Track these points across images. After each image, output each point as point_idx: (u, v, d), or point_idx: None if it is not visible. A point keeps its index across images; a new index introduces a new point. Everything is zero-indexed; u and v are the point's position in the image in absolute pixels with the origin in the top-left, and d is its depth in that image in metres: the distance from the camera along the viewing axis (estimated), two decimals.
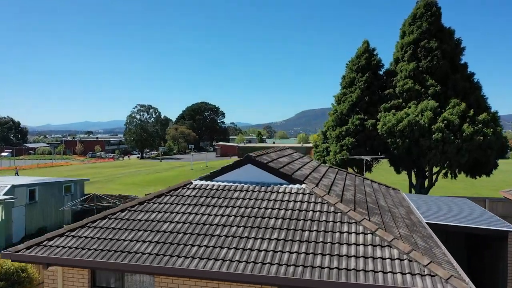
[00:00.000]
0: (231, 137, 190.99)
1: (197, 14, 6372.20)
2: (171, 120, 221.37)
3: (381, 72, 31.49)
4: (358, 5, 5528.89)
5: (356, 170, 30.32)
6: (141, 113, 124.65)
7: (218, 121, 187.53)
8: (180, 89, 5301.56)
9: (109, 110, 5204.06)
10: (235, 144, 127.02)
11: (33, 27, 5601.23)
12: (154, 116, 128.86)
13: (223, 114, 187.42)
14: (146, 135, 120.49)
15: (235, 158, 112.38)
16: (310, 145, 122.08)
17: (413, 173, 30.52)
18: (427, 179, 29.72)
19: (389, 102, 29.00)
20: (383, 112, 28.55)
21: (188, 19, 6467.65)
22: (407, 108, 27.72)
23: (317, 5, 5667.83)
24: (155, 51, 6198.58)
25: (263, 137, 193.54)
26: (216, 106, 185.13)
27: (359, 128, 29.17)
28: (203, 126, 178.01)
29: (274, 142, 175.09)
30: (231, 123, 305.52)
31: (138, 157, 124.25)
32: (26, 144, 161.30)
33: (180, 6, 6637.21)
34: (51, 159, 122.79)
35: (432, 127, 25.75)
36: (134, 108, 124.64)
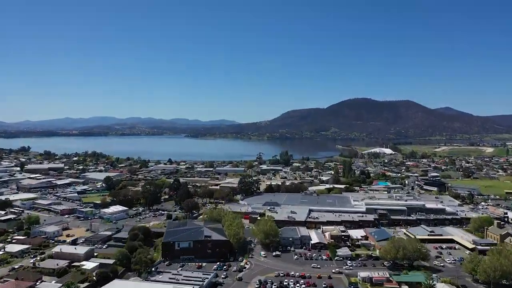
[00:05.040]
0: None
1: (186, 16, 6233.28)
2: None
3: None
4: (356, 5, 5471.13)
5: None
6: None
7: None
8: (165, 88, 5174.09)
9: (91, 106, 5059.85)
10: None
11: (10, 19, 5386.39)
12: None
13: None
14: None
15: None
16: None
17: None
18: None
19: None
20: None
21: (177, 20, 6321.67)
22: None
23: (308, 7, 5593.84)
24: (141, 50, 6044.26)
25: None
26: None
27: None
28: None
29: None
30: None
31: None
32: None
33: (173, 7, 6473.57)
34: None
35: None
36: None
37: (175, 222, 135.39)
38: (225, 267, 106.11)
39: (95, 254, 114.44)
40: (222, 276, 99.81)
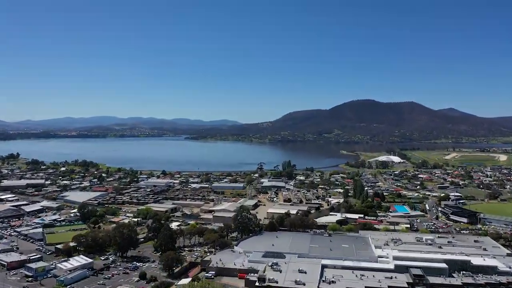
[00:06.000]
0: None
1: (189, 17, 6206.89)
2: None
3: None
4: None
5: None
6: None
7: None
8: (168, 88, 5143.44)
9: (93, 105, 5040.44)
10: None
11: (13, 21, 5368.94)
12: None
13: None
14: None
15: None
16: None
17: None
18: None
19: None
20: None
21: (180, 20, 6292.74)
22: None
23: (313, 7, 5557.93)
24: (144, 49, 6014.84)
25: None
26: None
27: None
28: None
29: None
30: None
31: None
32: None
33: (174, 6, 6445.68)
34: None
35: None
36: None
37: None
38: None
39: None
40: None
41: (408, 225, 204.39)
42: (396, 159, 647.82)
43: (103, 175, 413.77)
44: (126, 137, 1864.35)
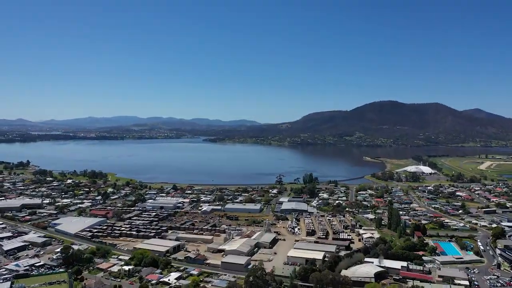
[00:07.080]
0: None
1: (210, 17, 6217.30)
2: None
3: None
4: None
5: None
6: None
7: None
8: (187, 87, 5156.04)
9: (114, 105, 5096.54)
10: None
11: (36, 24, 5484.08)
12: None
13: None
14: None
15: None
16: None
17: None
18: None
19: None
20: None
21: (199, 20, 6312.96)
22: None
23: (329, 8, 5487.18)
24: (164, 50, 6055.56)
25: None
26: None
27: None
28: None
29: None
30: None
31: None
32: None
33: (184, 6, 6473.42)
34: None
35: None
36: None
37: None
38: None
39: None
40: None
41: (467, 282, 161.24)
42: (426, 169, 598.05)
43: (109, 191, 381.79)
44: (144, 138, 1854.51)
